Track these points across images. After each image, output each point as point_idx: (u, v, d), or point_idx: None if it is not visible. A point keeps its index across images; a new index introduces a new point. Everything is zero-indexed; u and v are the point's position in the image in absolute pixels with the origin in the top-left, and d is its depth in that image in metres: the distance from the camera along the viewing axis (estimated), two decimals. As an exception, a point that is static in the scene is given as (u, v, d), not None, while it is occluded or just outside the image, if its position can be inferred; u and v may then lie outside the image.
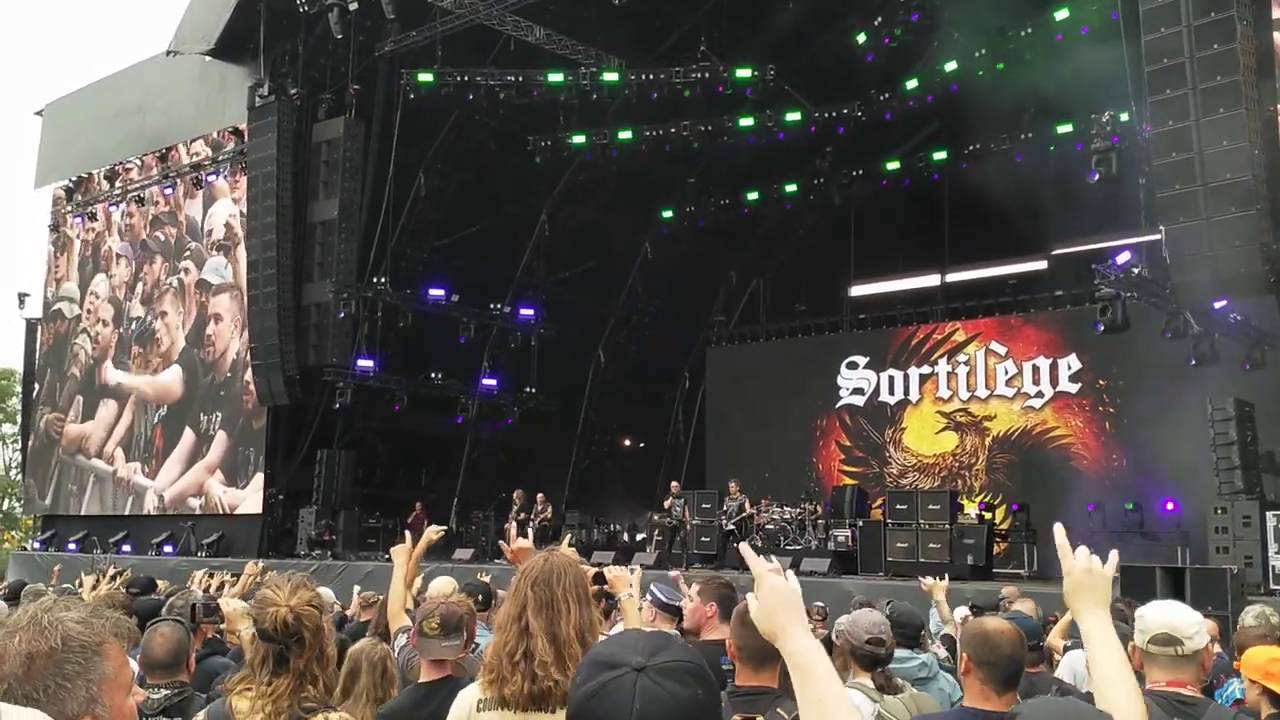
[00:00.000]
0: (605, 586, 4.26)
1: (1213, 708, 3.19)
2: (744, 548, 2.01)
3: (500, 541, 4.71)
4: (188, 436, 24.30)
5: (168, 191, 25.21)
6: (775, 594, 1.78)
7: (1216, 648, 6.42)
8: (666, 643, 1.64)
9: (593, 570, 4.19)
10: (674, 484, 19.38)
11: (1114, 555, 2.47)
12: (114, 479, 25.96)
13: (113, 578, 9.63)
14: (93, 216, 27.29)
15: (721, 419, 27.06)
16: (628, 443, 28.17)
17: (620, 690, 1.53)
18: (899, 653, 4.77)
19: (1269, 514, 12.97)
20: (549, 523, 19.22)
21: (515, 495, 20.39)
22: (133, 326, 26.25)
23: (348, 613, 8.35)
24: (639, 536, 21.58)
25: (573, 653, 3.06)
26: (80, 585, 9.17)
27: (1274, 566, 12.68)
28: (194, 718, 3.82)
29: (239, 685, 3.06)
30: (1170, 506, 18.61)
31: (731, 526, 17.96)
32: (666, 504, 18.80)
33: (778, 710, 2.98)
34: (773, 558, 1.98)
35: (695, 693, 1.55)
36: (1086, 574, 2.40)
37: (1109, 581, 2.41)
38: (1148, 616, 3.24)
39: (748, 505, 18.33)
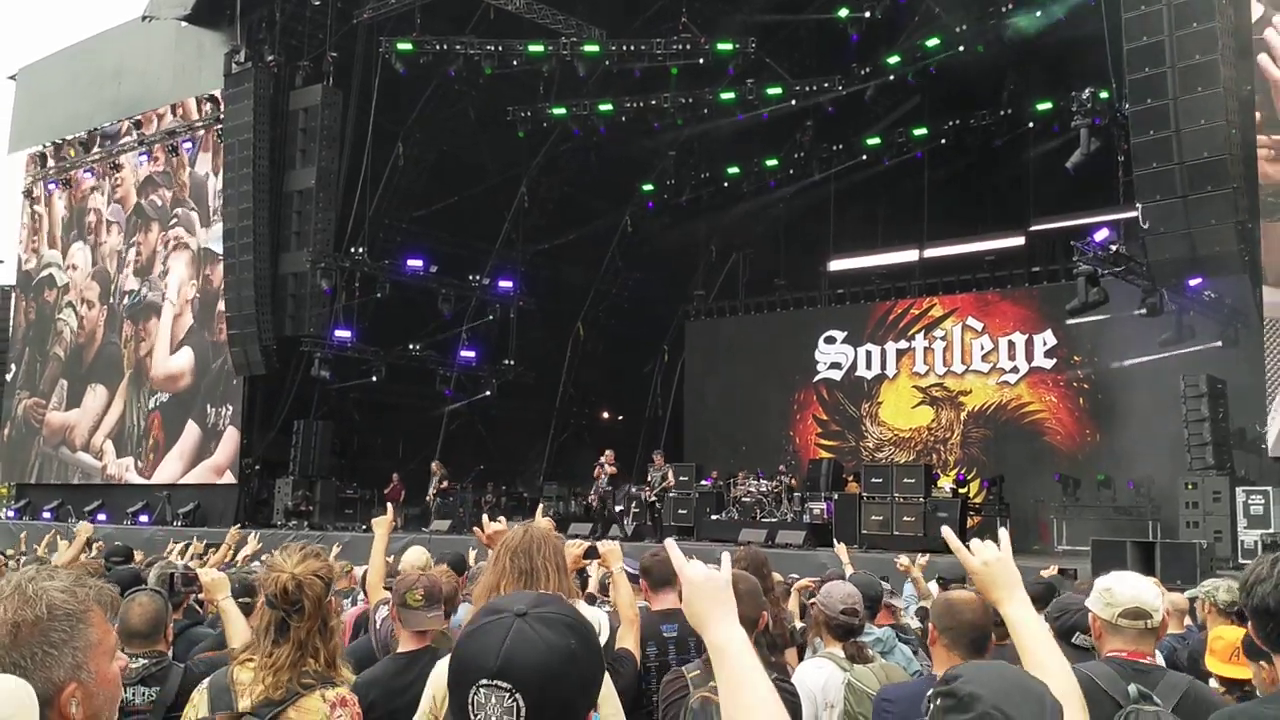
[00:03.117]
0: (598, 561, 4.28)
1: (1169, 674, 3.25)
2: (669, 543, 2.05)
3: (474, 528, 4.72)
4: (191, 431, 22.49)
5: (142, 157, 24.84)
6: (694, 589, 1.82)
7: (1188, 620, 6.48)
8: (554, 599, 1.68)
9: (585, 545, 4.22)
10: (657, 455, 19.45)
11: (1004, 534, 2.44)
12: (103, 475, 24.07)
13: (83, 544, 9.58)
14: (67, 184, 26.86)
15: (700, 392, 27.14)
16: (606, 415, 28.21)
17: (495, 629, 1.58)
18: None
19: (1239, 489, 13.17)
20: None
21: (434, 466, 20.32)
22: (125, 300, 24.53)
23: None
24: (617, 508, 21.65)
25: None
26: (53, 551, 9.15)
27: (1243, 541, 12.87)
28: (170, 684, 3.85)
29: (243, 654, 3.04)
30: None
31: (653, 498, 18.14)
32: (649, 477, 18.90)
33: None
34: (726, 554, 2.00)
35: (568, 642, 1.58)
36: (987, 566, 2.37)
37: (1011, 564, 2.38)
38: (1116, 590, 3.27)
39: (670, 476, 18.45)
